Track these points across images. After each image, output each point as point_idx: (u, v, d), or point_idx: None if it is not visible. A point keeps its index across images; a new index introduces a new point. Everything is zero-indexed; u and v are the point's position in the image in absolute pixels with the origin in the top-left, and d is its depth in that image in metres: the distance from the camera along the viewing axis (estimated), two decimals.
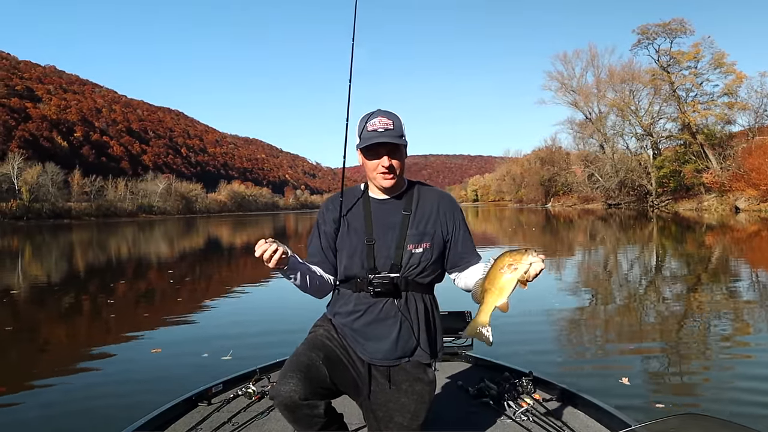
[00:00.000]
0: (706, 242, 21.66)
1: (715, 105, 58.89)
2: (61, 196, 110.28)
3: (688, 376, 5.33)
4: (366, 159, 2.45)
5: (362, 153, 2.45)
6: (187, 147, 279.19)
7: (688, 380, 5.18)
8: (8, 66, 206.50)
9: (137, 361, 6.28)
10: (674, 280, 11.99)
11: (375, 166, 2.43)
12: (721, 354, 6.11)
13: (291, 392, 2.18)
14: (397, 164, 2.43)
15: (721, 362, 5.78)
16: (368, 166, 2.46)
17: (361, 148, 2.43)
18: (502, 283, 2.11)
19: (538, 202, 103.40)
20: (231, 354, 5.88)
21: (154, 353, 6.49)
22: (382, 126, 2.38)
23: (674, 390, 4.76)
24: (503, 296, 2.13)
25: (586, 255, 18.22)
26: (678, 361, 5.84)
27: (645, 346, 6.52)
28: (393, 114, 2.44)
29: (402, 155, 2.46)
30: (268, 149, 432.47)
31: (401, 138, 2.42)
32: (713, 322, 7.74)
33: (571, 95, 76.49)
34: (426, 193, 2.58)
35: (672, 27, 60.30)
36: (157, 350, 6.61)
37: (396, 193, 2.53)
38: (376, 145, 2.39)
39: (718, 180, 52.24)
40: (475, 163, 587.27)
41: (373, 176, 2.47)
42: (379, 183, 2.46)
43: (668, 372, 5.37)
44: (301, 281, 2.41)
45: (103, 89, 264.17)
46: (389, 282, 2.39)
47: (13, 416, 4.67)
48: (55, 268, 18.86)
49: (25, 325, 9.12)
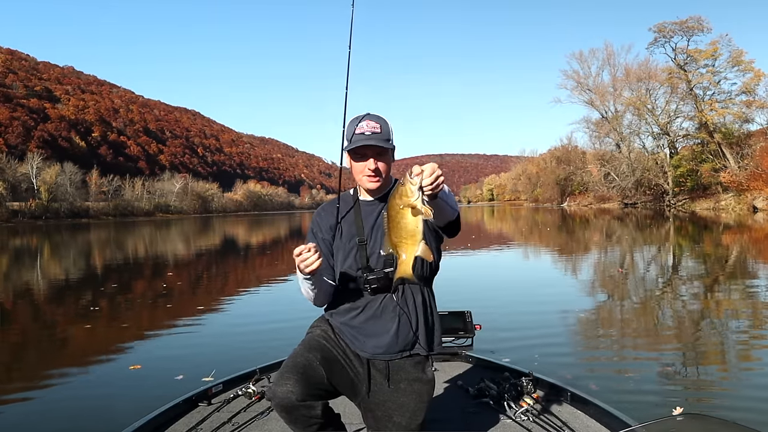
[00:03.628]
0: (724, 242, 21.44)
1: (732, 103, 58.11)
2: (79, 196, 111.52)
3: (690, 376, 5.30)
4: (353, 161, 2.49)
5: (350, 155, 2.49)
6: (203, 147, 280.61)
7: (690, 380, 5.15)
8: (28, 67, 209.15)
9: (112, 377, 5.85)
10: (685, 279, 11.88)
11: (362, 168, 2.48)
12: (727, 355, 6.08)
13: (288, 393, 2.21)
14: (383, 167, 2.48)
15: (727, 363, 5.75)
16: (355, 169, 2.51)
17: (348, 150, 2.47)
18: (410, 227, 1.98)
19: (553, 201, 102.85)
20: (213, 374, 5.07)
21: (132, 370, 5.95)
22: (370, 129, 2.42)
23: (675, 390, 4.74)
24: (417, 242, 2.00)
25: (599, 254, 18.12)
26: (680, 361, 5.82)
27: (646, 346, 6.50)
28: (381, 118, 2.48)
29: (388, 158, 2.52)
30: (284, 149, 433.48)
31: (388, 141, 2.47)
32: (717, 323, 7.69)
33: (587, 94, 76.05)
34: None
35: (689, 25, 59.63)
36: (136, 366, 6.04)
37: (382, 194, 2.57)
38: (363, 147, 2.43)
39: (736, 179, 51.59)
40: (490, 162, 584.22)
41: (359, 178, 2.52)
42: (365, 185, 2.52)
43: (669, 372, 5.35)
44: (318, 288, 2.46)
45: (120, 89, 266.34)
46: (384, 277, 2.43)
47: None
48: (73, 267, 19.07)
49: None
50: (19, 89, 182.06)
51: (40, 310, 10.59)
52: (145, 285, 13.54)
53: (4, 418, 4.78)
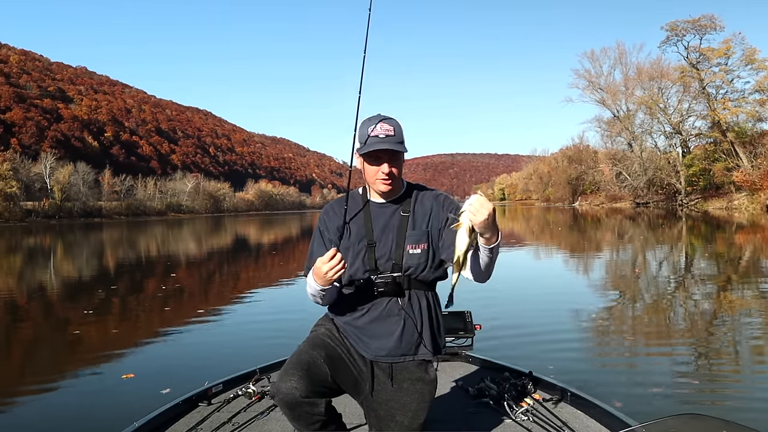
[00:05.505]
0: (737, 242, 21.30)
1: (746, 102, 57.61)
2: (92, 195, 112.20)
3: (691, 376, 5.29)
4: (366, 164, 2.48)
5: (363, 158, 2.48)
6: (215, 146, 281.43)
7: (691, 381, 5.14)
8: (41, 67, 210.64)
9: (99, 387, 5.61)
10: (691, 279, 11.82)
11: (375, 171, 2.46)
12: (729, 355, 6.07)
13: (292, 389, 2.21)
14: (396, 170, 2.46)
15: (729, 363, 5.74)
16: (368, 171, 2.49)
17: (362, 153, 2.45)
18: (458, 245, 2.23)
19: (565, 201, 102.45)
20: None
21: (125, 378, 5.68)
22: (384, 132, 2.41)
23: (676, 390, 4.74)
24: (459, 254, 2.25)
25: (608, 254, 18.05)
26: (680, 361, 5.81)
27: (647, 346, 6.51)
28: (394, 120, 2.47)
29: (401, 161, 2.50)
30: (295, 148, 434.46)
31: (401, 144, 2.45)
32: (719, 323, 7.66)
33: (598, 93, 75.68)
34: (423, 195, 2.60)
35: (702, 23, 59.21)
36: (129, 375, 5.76)
37: (395, 197, 2.56)
38: (377, 151, 2.42)
39: (749, 178, 51.14)
40: (502, 161, 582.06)
41: (372, 181, 2.50)
42: (378, 188, 2.50)
43: (670, 372, 5.34)
44: (329, 292, 2.45)
45: (132, 89, 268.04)
46: (392, 281, 2.43)
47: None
48: (86, 266, 19.23)
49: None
50: (32, 89, 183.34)
51: (51, 308, 10.72)
52: (154, 284, 13.63)
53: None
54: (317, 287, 2.38)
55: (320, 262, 2.26)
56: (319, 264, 2.27)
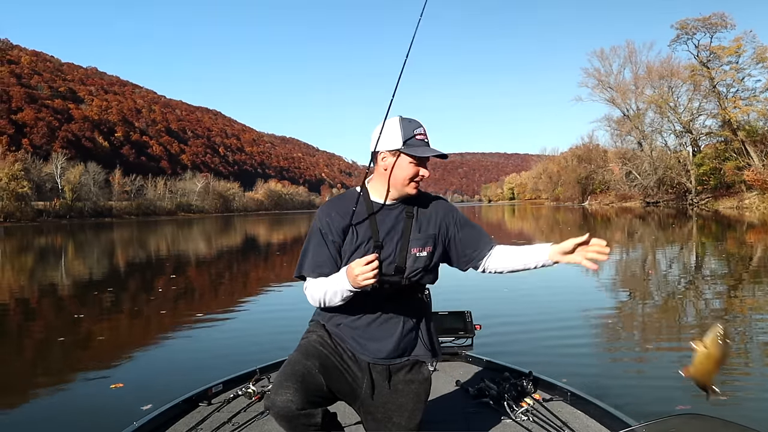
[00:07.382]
0: (748, 241, 21.14)
1: (757, 101, 57.28)
2: (103, 195, 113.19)
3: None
4: (403, 164, 2.41)
5: (403, 156, 2.40)
6: (224, 146, 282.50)
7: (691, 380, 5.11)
8: (52, 68, 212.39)
9: (88, 394, 5.42)
10: (696, 278, 11.78)
11: (414, 173, 2.41)
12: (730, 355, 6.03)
13: (287, 402, 2.17)
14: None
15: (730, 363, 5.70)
16: (404, 171, 2.41)
17: (410, 154, 2.39)
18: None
19: (575, 200, 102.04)
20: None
21: (114, 389, 5.36)
22: (427, 138, 2.42)
23: (676, 390, 4.72)
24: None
25: (616, 254, 17.98)
26: (680, 361, 5.77)
27: (647, 346, 6.47)
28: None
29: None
30: (304, 148, 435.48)
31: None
32: (729, 323, 7.57)
33: (608, 92, 75.32)
34: (424, 198, 2.59)
35: (712, 21, 58.87)
36: (119, 385, 5.43)
37: (407, 199, 2.53)
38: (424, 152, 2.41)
39: (760, 177, 50.83)
40: (511, 161, 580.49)
41: (404, 183, 2.43)
42: (407, 190, 2.45)
43: (670, 372, 5.31)
44: (349, 297, 2.39)
45: (142, 90, 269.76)
46: (394, 283, 2.42)
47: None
48: (97, 265, 19.35)
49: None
50: (43, 90, 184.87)
51: (64, 305, 10.80)
52: (161, 284, 13.68)
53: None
54: (345, 287, 2.28)
55: (357, 263, 2.19)
56: (354, 265, 2.20)
